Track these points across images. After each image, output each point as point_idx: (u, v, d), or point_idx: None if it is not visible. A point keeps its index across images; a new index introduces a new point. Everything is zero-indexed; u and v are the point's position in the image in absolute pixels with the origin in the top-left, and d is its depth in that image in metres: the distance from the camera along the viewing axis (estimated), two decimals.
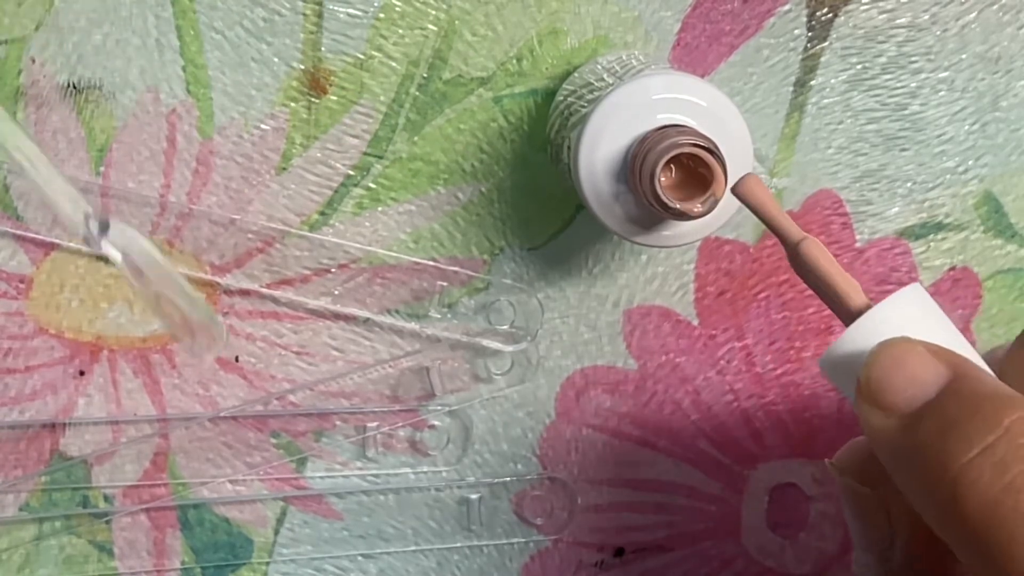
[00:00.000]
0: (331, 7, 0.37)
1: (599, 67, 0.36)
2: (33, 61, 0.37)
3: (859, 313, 0.23)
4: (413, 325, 0.40)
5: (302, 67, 0.38)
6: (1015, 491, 0.19)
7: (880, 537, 0.24)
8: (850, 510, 0.26)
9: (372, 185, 0.39)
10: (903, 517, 0.24)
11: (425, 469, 0.42)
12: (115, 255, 0.26)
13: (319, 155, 0.38)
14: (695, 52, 0.39)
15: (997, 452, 0.19)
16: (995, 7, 0.39)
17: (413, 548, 0.42)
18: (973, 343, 0.40)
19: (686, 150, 0.30)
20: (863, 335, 0.23)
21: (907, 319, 0.23)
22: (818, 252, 0.24)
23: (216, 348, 0.27)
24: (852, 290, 0.24)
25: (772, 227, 0.25)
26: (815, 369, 0.42)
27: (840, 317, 0.24)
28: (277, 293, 0.40)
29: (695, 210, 0.30)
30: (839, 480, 0.25)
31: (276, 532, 0.42)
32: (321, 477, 0.41)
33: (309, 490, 0.41)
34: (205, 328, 0.27)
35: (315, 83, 0.38)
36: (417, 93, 0.38)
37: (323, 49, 0.38)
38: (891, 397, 0.21)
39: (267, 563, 0.42)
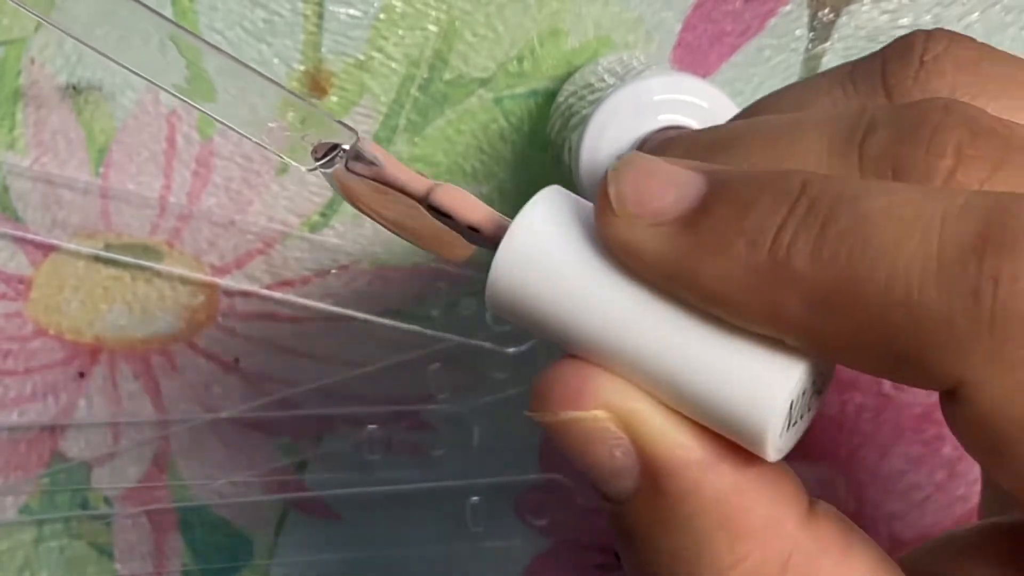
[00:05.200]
0: (331, 8, 0.37)
1: (600, 68, 0.36)
2: (33, 62, 0.37)
3: (499, 234, 0.21)
4: (414, 327, 0.40)
5: (302, 68, 0.38)
6: (853, 231, 0.17)
7: (628, 461, 0.20)
8: (587, 450, 0.21)
9: None
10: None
11: (426, 471, 0.41)
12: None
13: None
14: (696, 53, 0.39)
15: (803, 206, 0.18)
16: (997, 7, 0.39)
17: (413, 550, 0.42)
18: None
19: None
20: (518, 250, 0.20)
21: (561, 219, 0.20)
22: (450, 195, 0.22)
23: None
24: (492, 218, 0.22)
25: (397, 186, 0.22)
26: None
27: (488, 247, 0.21)
28: (277, 295, 0.40)
29: None
30: (559, 421, 0.21)
31: (276, 534, 0.42)
32: (321, 479, 0.41)
33: (309, 492, 0.41)
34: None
35: (315, 84, 0.38)
36: (417, 94, 0.38)
37: (323, 50, 0.38)
38: (656, 203, 0.19)
39: (267, 565, 0.42)
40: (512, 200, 0.39)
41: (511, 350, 0.40)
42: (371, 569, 0.42)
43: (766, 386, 0.19)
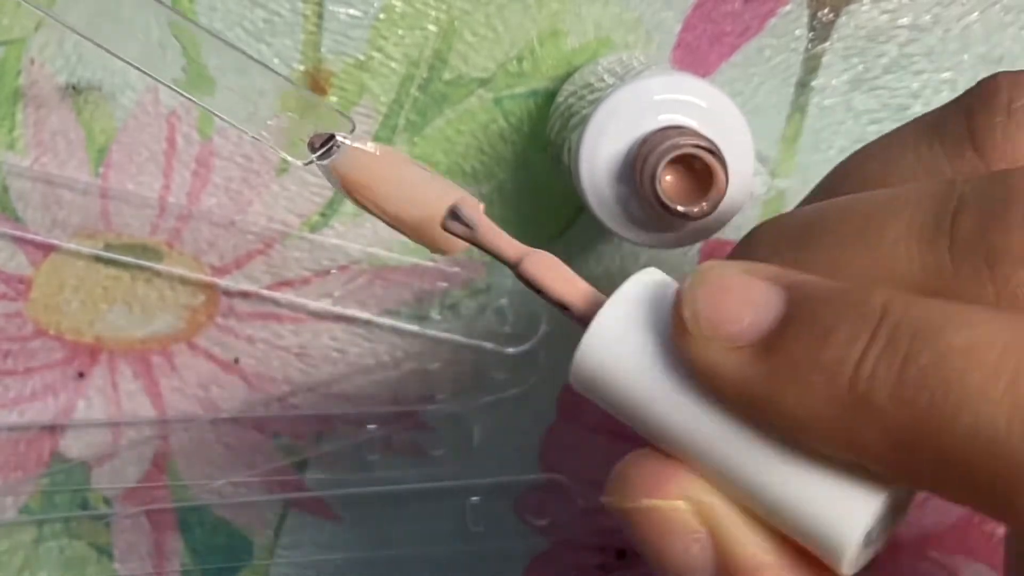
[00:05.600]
0: (331, 8, 0.37)
1: (600, 68, 0.36)
2: (33, 62, 0.37)
3: (588, 314, 0.21)
4: (414, 327, 0.40)
5: (302, 68, 0.38)
6: (935, 370, 0.17)
7: (704, 556, 0.20)
8: (664, 541, 0.20)
9: None
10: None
11: (426, 471, 0.41)
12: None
13: None
14: (696, 53, 0.39)
15: (883, 337, 0.17)
16: (997, 7, 0.39)
17: (413, 550, 0.42)
18: None
19: (687, 151, 0.30)
20: (602, 339, 0.20)
21: (643, 307, 0.20)
22: (540, 268, 0.22)
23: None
24: (580, 295, 0.21)
25: (491, 251, 0.22)
26: None
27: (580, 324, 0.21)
28: (277, 295, 0.40)
29: (696, 211, 0.30)
30: (637, 508, 0.20)
31: (276, 534, 0.42)
32: (321, 479, 0.41)
33: (309, 492, 0.41)
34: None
35: (315, 84, 0.38)
36: (417, 94, 0.38)
37: (323, 50, 0.38)
38: (731, 326, 0.18)
39: (267, 565, 0.42)
40: (512, 200, 0.39)
41: (511, 350, 0.40)
42: (371, 569, 0.42)
43: (846, 512, 0.18)
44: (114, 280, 0.39)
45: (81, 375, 0.40)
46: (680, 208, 0.30)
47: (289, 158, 0.24)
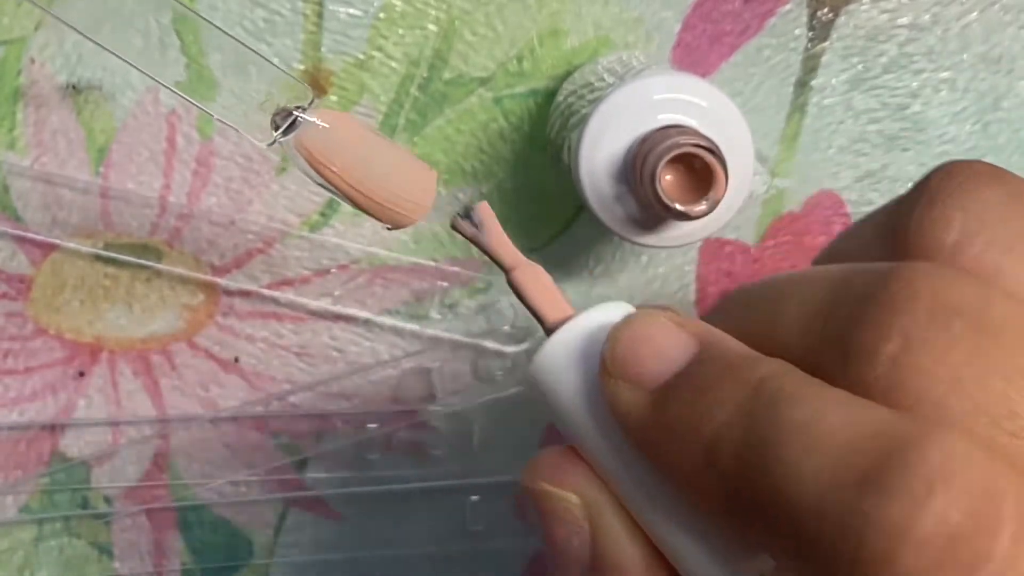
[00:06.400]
0: (331, 7, 0.37)
1: (600, 67, 0.36)
2: (33, 61, 0.37)
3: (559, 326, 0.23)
4: (414, 326, 0.40)
5: (302, 67, 0.38)
6: (768, 441, 0.18)
7: (582, 550, 0.22)
8: (551, 525, 0.23)
9: None
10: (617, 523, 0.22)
11: (425, 470, 0.41)
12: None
13: None
14: (696, 52, 0.39)
15: (747, 404, 0.18)
16: (996, 7, 0.39)
17: (413, 550, 0.42)
18: None
19: (687, 150, 0.30)
20: (563, 346, 0.22)
21: (595, 333, 0.22)
22: (528, 280, 0.24)
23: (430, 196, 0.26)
24: (553, 311, 0.23)
25: (490, 255, 0.24)
26: None
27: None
28: (277, 294, 0.40)
29: (696, 211, 0.30)
30: (535, 489, 0.22)
31: (276, 533, 0.42)
32: (322, 478, 0.41)
33: (309, 491, 0.41)
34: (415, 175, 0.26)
35: (315, 83, 0.38)
36: (417, 93, 0.38)
37: (323, 49, 0.38)
38: (638, 369, 0.20)
39: (267, 564, 0.42)
40: (512, 200, 0.39)
41: (511, 350, 0.40)
42: (371, 569, 0.42)
43: (713, 564, 0.20)
44: (114, 280, 0.39)
45: (81, 374, 0.40)
46: (680, 207, 0.30)
47: (253, 141, 0.24)
